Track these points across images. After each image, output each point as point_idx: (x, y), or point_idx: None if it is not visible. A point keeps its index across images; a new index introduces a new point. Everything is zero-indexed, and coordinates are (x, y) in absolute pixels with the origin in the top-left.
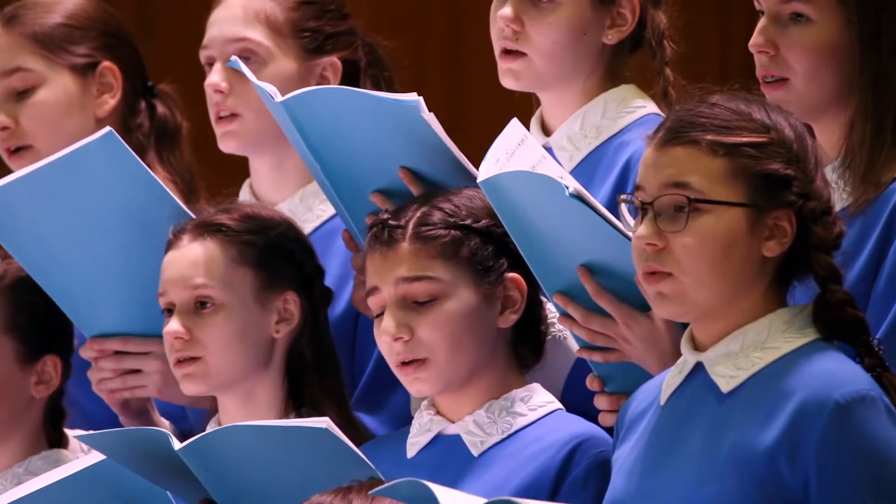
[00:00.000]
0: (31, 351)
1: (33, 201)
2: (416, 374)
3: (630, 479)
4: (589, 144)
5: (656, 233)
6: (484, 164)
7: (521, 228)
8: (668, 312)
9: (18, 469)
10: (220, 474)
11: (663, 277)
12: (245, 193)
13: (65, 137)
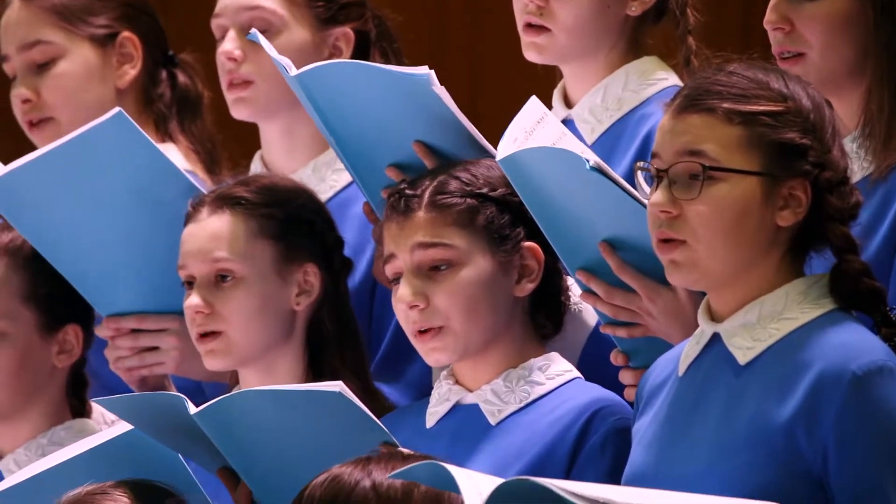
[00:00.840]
0: (52, 320)
1: (45, 183)
2: (433, 343)
3: (649, 451)
4: (610, 117)
5: (671, 200)
6: (502, 142)
7: (542, 205)
8: (680, 280)
9: (42, 440)
10: (236, 440)
11: (677, 245)
12: (256, 163)
13: (86, 109)
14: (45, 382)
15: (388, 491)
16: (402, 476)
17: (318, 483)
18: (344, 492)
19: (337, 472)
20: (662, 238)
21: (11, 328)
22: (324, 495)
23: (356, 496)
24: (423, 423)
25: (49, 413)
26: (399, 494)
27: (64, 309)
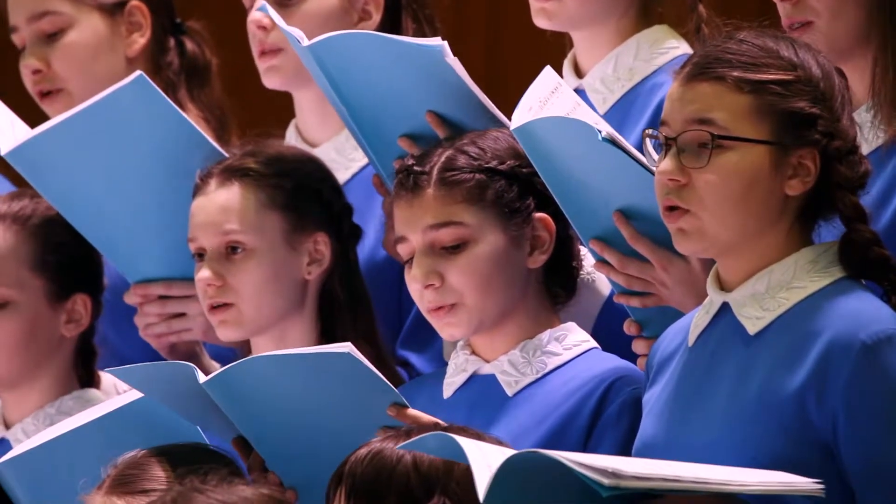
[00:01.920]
0: (61, 289)
1: (68, 149)
2: (448, 319)
3: (659, 422)
4: (622, 87)
5: (679, 168)
6: (517, 111)
7: (556, 175)
8: (688, 248)
9: (50, 409)
10: (246, 407)
11: (683, 213)
12: (291, 132)
13: (96, 79)
14: (54, 352)
15: (429, 468)
16: (412, 447)
17: (359, 459)
18: (386, 469)
19: (378, 448)
20: (669, 205)
21: (20, 297)
22: (366, 473)
23: (398, 473)
24: (439, 394)
25: (57, 383)
26: (440, 470)
27: (72, 278)
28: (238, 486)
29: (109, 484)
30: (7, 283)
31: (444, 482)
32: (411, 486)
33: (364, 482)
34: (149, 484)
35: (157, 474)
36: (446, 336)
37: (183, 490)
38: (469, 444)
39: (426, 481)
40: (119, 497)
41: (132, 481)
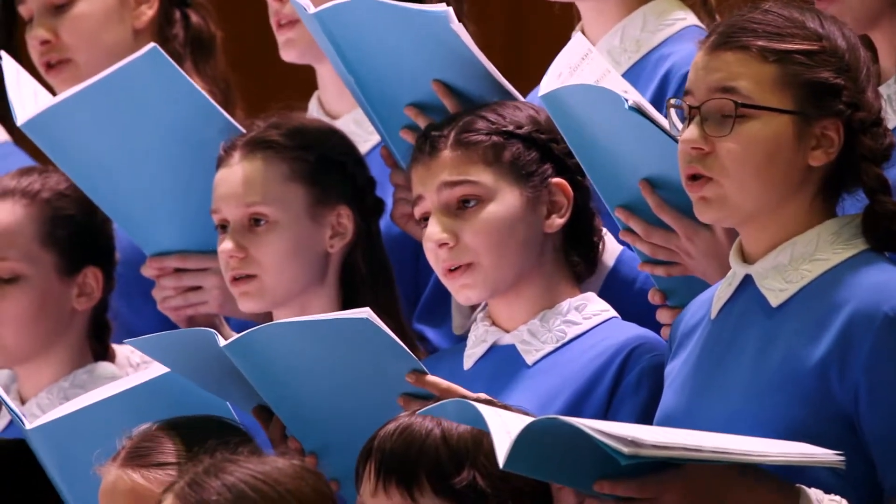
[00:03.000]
0: (71, 263)
1: (83, 120)
2: (463, 280)
3: (681, 394)
4: (629, 59)
5: (702, 136)
6: (546, 78)
7: (583, 142)
8: (710, 217)
9: (64, 383)
10: (267, 372)
11: (706, 182)
12: (314, 104)
13: (104, 50)
14: (66, 326)
15: (458, 441)
16: (432, 412)
17: (387, 434)
18: (416, 444)
19: (408, 422)
20: (692, 174)
21: (31, 271)
22: (395, 448)
23: (428, 448)
24: (460, 366)
25: (70, 357)
26: (469, 444)
27: (83, 252)
28: (270, 458)
29: (124, 456)
30: (17, 257)
31: (474, 455)
32: (441, 461)
33: (394, 457)
34: (163, 457)
35: (171, 447)
36: (462, 299)
37: (216, 462)
38: (488, 411)
39: (456, 455)
40: (133, 470)
41: (147, 454)
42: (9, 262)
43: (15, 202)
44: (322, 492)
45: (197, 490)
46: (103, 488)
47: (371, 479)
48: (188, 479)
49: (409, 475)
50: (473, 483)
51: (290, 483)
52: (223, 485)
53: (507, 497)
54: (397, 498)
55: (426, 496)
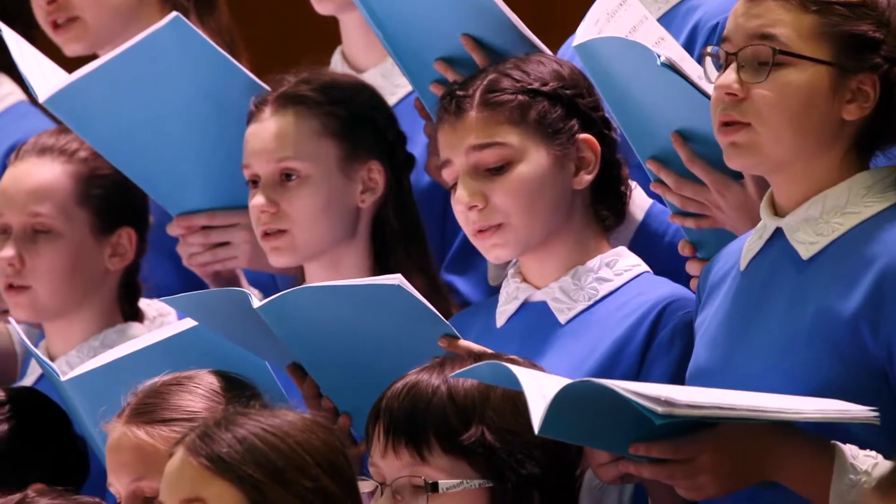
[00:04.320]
0: (106, 223)
1: (105, 93)
2: (493, 240)
3: (712, 348)
4: (658, 9)
5: (738, 82)
6: (583, 25)
7: (615, 93)
8: (740, 164)
9: (94, 342)
10: (300, 334)
11: (739, 128)
12: (336, 58)
13: (111, 8)
14: (98, 285)
15: (465, 398)
16: (466, 375)
17: (395, 394)
18: (422, 403)
19: (414, 381)
20: (725, 120)
21: (65, 229)
22: (402, 407)
23: (435, 406)
24: (493, 323)
25: (101, 316)
26: (476, 399)
27: (118, 212)
28: (282, 411)
29: (129, 413)
30: (53, 213)
31: (481, 411)
32: (448, 419)
33: (401, 418)
34: (168, 414)
35: (177, 404)
36: (492, 258)
37: (227, 415)
38: (523, 374)
39: (463, 412)
40: (138, 427)
41: (152, 411)
42: (45, 218)
43: (53, 159)
44: (332, 445)
45: (208, 443)
46: (109, 445)
47: (380, 440)
48: (199, 432)
49: (418, 435)
50: (482, 439)
51: (299, 436)
52: (234, 437)
53: (517, 451)
54: (407, 458)
55: (435, 455)
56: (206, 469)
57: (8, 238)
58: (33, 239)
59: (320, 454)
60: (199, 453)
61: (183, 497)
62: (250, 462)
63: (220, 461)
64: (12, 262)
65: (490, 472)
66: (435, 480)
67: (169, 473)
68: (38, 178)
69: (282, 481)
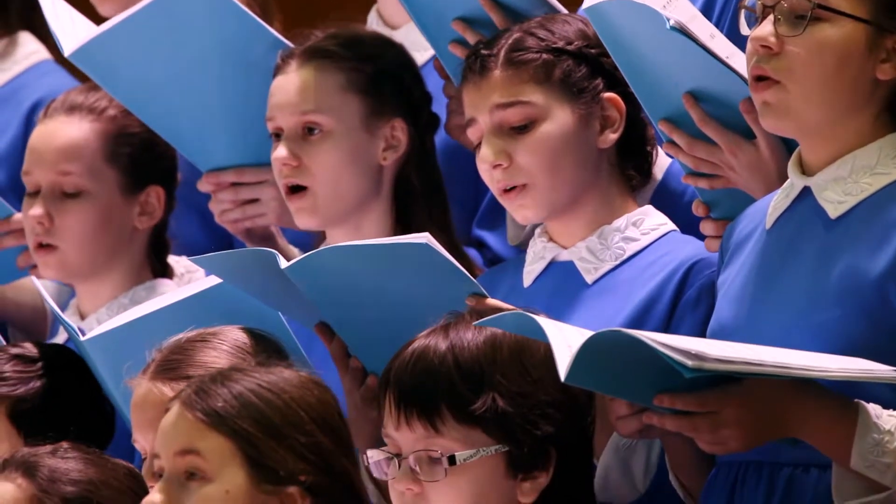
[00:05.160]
0: (135, 181)
1: (131, 47)
2: (519, 201)
3: (736, 305)
4: None
5: (773, 34)
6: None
7: (626, 55)
8: (772, 124)
9: (124, 299)
10: (328, 294)
11: (770, 85)
12: (372, 16)
13: None
14: (126, 243)
15: (472, 364)
16: (491, 324)
17: (403, 364)
18: (431, 374)
19: (421, 349)
20: (758, 74)
21: (94, 187)
22: (412, 380)
23: (443, 377)
24: (520, 282)
25: (130, 274)
26: (483, 364)
27: (146, 171)
28: (277, 368)
29: (154, 369)
30: (81, 172)
31: (490, 376)
32: (458, 389)
33: (412, 391)
34: (193, 370)
35: (202, 360)
36: (520, 219)
37: (223, 371)
38: (548, 324)
39: (471, 380)
40: (164, 383)
41: (177, 367)
42: (73, 176)
43: (82, 118)
44: (327, 402)
45: (203, 397)
46: (134, 401)
47: (392, 412)
48: (195, 387)
49: (430, 408)
50: (494, 405)
51: (294, 392)
52: (230, 392)
53: (529, 412)
54: (420, 431)
55: (449, 426)
56: (201, 422)
57: (37, 197)
58: (62, 198)
59: (315, 411)
60: (195, 407)
61: (177, 449)
62: (245, 416)
63: (216, 415)
64: (41, 220)
65: (505, 436)
66: (451, 452)
67: (164, 426)
68: (67, 137)
69: (276, 436)
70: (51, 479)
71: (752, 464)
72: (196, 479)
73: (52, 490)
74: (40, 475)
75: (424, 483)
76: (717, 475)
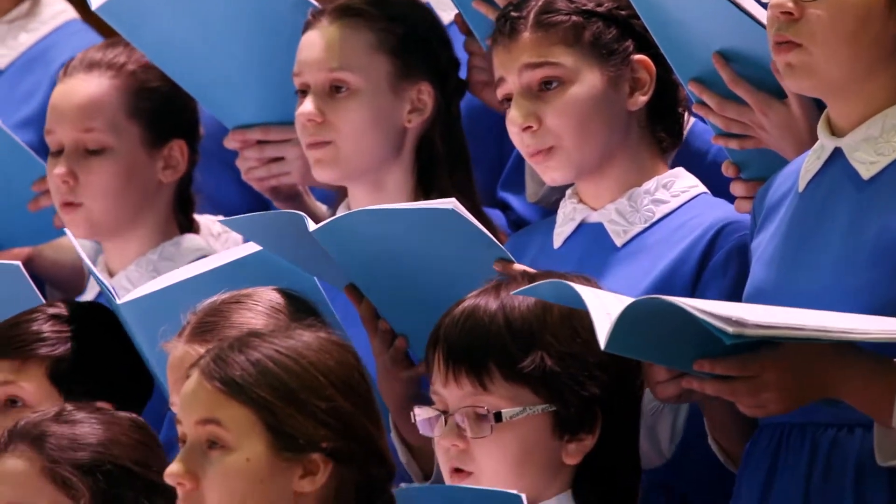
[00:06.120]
0: (157, 136)
1: (158, 2)
2: (548, 163)
3: (771, 268)
4: None
5: (792, 0)
6: None
7: (656, 16)
8: (796, 85)
9: (152, 255)
10: (356, 257)
11: (793, 47)
12: None
13: None
14: (152, 198)
15: (522, 324)
16: (528, 293)
17: (453, 322)
18: (481, 332)
19: (471, 308)
20: (780, 41)
21: (117, 143)
22: (461, 337)
23: (493, 335)
24: (550, 244)
25: (157, 229)
26: (533, 324)
27: (168, 124)
28: (297, 332)
29: (190, 332)
30: (104, 128)
31: (540, 335)
32: (508, 347)
33: (460, 348)
34: (229, 331)
35: (238, 321)
36: (548, 181)
37: (241, 337)
38: (587, 292)
39: (521, 338)
40: (200, 345)
41: (213, 329)
42: (95, 133)
43: (101, 74)
44: (347, 363)
45: (221, 366)
46: (171, 364)
47: (440, 368)
48: (213, 355)
49: (478, 365)
50: (542, 364)
51: (313, 356)
52: (247, 360)
53: (577, 373)
54: (468, 387)
55: (497, 383)
56: (220, 392)
57: (61, 156)
58: (85, 156)
59: (334, 374)
60: (213, 376)
61: (198, 418)
62: (263, 385)
63: (234, 384)
64: (65, 178)
65: (552, 396)
66: (498, 409)
67: (185, 395)
68: (87, 93)
69: (295, 403)
70: (60, 448)
71: (796, 426)
72: (217, 449)
73: (62, 459)
74: (49, 445)
75: (470, 440)
76: (759, 438)
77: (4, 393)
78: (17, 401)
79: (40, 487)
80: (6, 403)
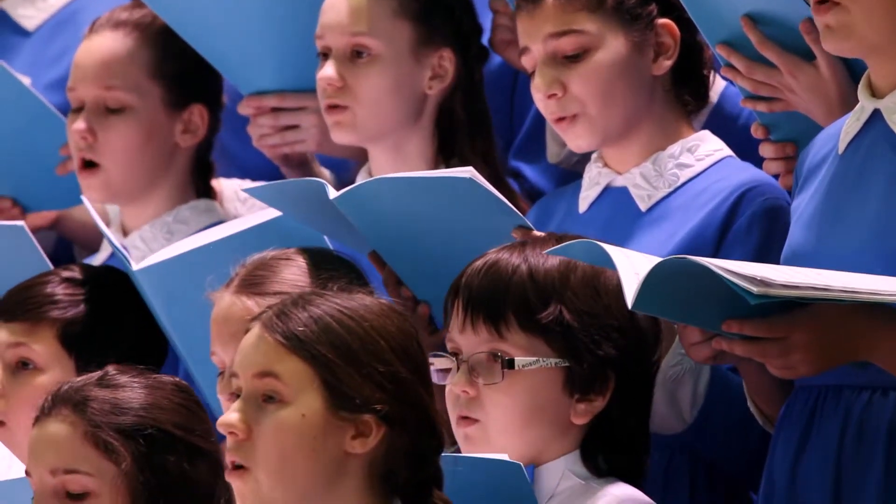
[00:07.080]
0: (178, 98)
1: None
2: (573, 130)
3: (809, 230)
4: None
5: None
6: None
7: None
8: (835, 46)
9: (168, 217)
10: (376, 224)
11: (832, 7)
12: None
13: None
14: (169, 160)
15: (545, 277)
16: (559, 253)
17: (475, 270)
18: (503, 280)
19: (494, 259)
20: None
21: (137, 102)
22: (482, 284)
23: (514, 284)
24: (576, 208)
25: (174, 192)
26: (556, 280)
27: (191, 88)
28: (359, 295)
29: (238, 283)
30: (125, 87)
31: (561, 291)
32: (528, 297)
33: (481, 294)
34: (277, 286)
35: (285, 277)
36: (574, 147)
37: (304, 294)
38: (616, 252)
39: (542, 291)
40: (248, 297)
41: (261, 282)
42: (116, 91)
43: (126, 33)
44: (406, 331)
45: (284, 320)
46: (216, 314)
47: (459, 315)
48: (276, 310)
49: (496, 311)
50: (560, 318)
51: (375, 320)
52: (310, 316)
53: (594, 332)
54: (484, 334)
55: (513, 331)
56: (280, 346)
57: (81, 113)
58: (105, 114)
59: (394, 339)
60: (275, 330)
61: (256, 371)
62: (325, 342)
63: (295, 339)
64: (84, 135)
65: (567, 351)
66: (512, 357)
67: (244, 347)
68: (111, 51)
69: (354, 363)
70: (102, 412)
71: (831, 388)
72: (273, 402)
73: (104, 423)
74: (91, 409)
75: (481, 388)
76: (794, 400)
77: (16, 355)
78: (28, 363)
79: (82, 452)
80: (17, 365)
